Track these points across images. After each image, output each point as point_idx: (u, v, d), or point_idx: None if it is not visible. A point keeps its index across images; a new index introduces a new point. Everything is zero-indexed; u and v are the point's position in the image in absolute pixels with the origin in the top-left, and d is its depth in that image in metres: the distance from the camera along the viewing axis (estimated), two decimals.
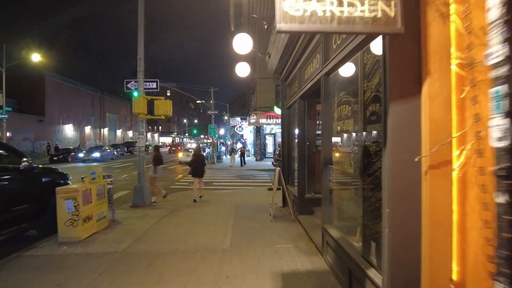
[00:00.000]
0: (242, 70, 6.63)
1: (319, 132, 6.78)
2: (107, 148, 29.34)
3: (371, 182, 2.52)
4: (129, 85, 8.36)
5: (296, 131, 6.28)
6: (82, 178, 5.73)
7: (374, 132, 2.50)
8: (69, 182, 6.33)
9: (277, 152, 13.26)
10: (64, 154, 25.88)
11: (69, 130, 36.84)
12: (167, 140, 76.20)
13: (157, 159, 8.69)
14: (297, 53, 5.15)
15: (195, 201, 8.12)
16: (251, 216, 6.38)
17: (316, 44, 4.28)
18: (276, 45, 5.64)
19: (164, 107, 7.89)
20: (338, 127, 3.48)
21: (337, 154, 3.62)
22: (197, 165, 8.33)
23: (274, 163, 18.67)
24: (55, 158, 24.78)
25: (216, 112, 26.33)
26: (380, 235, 2.35)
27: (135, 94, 8.16)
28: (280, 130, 25.76)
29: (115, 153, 30.51)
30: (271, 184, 12.57)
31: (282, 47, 5.24)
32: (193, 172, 8.30)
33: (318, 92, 4.64)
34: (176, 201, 8.47)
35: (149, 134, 69.60)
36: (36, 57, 22.89)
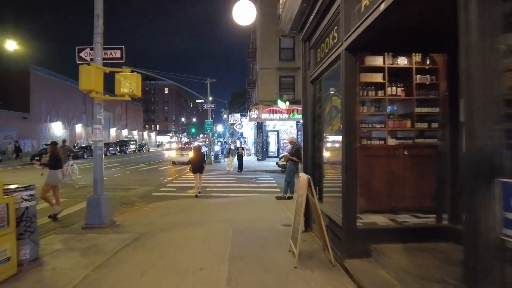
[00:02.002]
0: (243, 13, 4.11)
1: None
2: None
3: None
4: (82, 54, 5.87)
5: (340, 107, 3.81)
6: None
7: None
8: None
9: (288, 149, 10.55)
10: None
11: (57, 128, 34.37)
12: (165, 139, 73.87)
13: (54, 160, 6.33)
14: None
15: (196, 196, 8.54)
16: (259, 254, 3.89)
17: None
18: None
19: (129, 83, 5.42)
20: None
21: None
22: (197, 162, 8.82)
23: (280, 164, 15.98)
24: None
25: (213, 106, 23.61)
26: None
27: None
28: (284, 127, 23.41)
29: None
30: (278, 190, 10.01)
31: None
32: (193, 169, 8.77)
33: (394, 26, 2.21)
34: (152, 218, 6.01)
35: (145, 133, 67.14)
36: (12, 45, 20.18)
